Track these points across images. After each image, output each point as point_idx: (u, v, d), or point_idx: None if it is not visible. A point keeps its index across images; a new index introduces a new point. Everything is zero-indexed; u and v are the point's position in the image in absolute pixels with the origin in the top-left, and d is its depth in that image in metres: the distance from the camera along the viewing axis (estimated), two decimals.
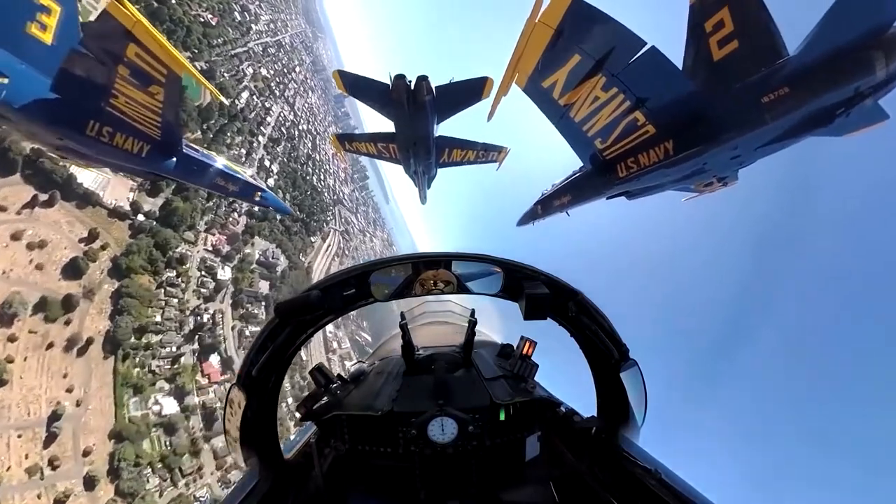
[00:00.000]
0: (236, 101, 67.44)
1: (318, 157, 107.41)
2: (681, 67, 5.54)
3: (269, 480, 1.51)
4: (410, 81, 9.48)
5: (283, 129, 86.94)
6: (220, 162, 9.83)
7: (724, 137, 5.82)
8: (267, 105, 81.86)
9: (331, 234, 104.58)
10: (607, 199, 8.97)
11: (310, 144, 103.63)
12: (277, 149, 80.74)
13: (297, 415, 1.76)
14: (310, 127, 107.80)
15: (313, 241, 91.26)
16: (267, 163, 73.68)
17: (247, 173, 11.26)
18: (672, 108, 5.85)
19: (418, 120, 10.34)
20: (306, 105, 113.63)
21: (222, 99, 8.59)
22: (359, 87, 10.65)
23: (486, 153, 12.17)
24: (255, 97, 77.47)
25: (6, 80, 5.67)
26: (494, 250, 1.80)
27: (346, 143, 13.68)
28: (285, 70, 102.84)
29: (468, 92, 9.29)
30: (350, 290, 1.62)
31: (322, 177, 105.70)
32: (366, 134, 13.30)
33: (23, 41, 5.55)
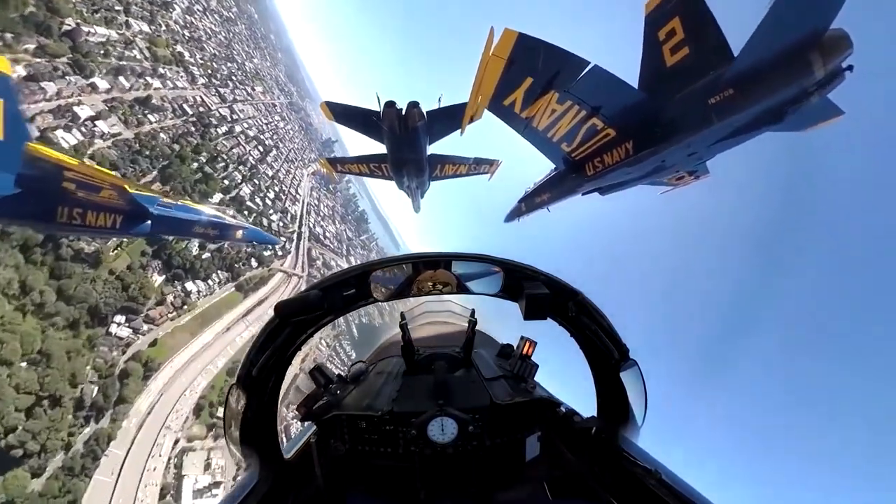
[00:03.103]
0: (65, 23, 47.90)
1: (270, 173, 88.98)
2: (638, 73, 6.10)
3: (268, 481, 1.48)
4: (401, 108, 9.84)
5: (185, 107, 68.04)
6: (197, 212, 10.15)
7: (676, 137, 6.29)
8: (165, 73, 65.75)
9: (272, 282, 68.71)
10: (582, 195, 9.85)
11: (256, 154, 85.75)
12: (148, 115, 58.38)
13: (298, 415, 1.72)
14: (262, 137, 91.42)
15: (197, 292, 54.46)
16: (88, 111, 47.74)
17: (227, 214, 11.90)
18: (628, 113, 6.44)
19: (410, 144, 10.65)
20: (267, 120, 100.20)
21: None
22: (347, 115, 10.94)
23: (478, 166, 12.78)
24: (133, 51, 59.99)
25: None
26: (494, 250, 1.81)
27: (338, 165, 13.88)
28: (235, 77, 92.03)
29: (459, 115, 9.55)
30: (350, 290, 1.61)
31: (269, 193, 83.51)
32: (357, 156, 13.46)
33: None
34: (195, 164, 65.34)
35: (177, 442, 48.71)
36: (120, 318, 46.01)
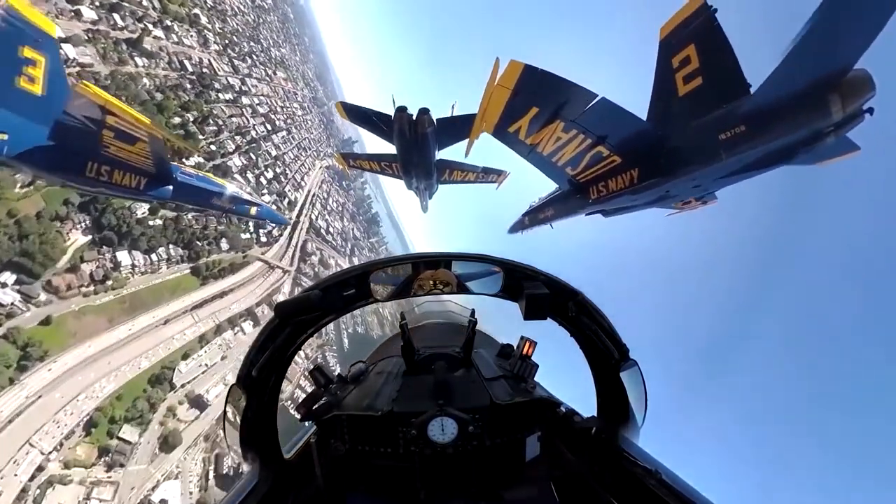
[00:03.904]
0: None
1: (273, 153, 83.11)
2: (649, 100, 6.00)
3: (268, 481, 1.51)
4: (412, 114, 10.40)
5: (186, 63, 63.19)
6: (215, 183, 10.74)
7: (682, 171, 6.17)
8: (173, 27, 62.66)
9: (245, 271, 56.71)
10: (586, 215, 9.96)
11: (262, 130, 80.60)
12: (134, 57, 52.14)
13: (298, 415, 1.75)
14: (273, 117, 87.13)
15: (132, 265, 41.38)
16: (59, 32, 17.87)
17: (244, 190, 12.53)
18: (634, 142, 6.39)
19: (419, 149, 11.19)
20: (284, 104, 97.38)
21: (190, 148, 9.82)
22: (361, 116, 11.62)
23: (486, 175, 13.25)
24: None
25: (5, 137, 6.08)
26: (496, 251, 1.85)
27: (350, 161, 14.54)
28: (255, 56, 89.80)
29: (469, 125, 9.72)
30: (350, 290, 1.66)
31: (266, 172, 76.31)
32: (369, 154, 14.18)
33: (15, 96, 5.90)
34: (177, 119, 56.11)
35: (42, 469, 33.19)
36: (8, 277, 31.42)
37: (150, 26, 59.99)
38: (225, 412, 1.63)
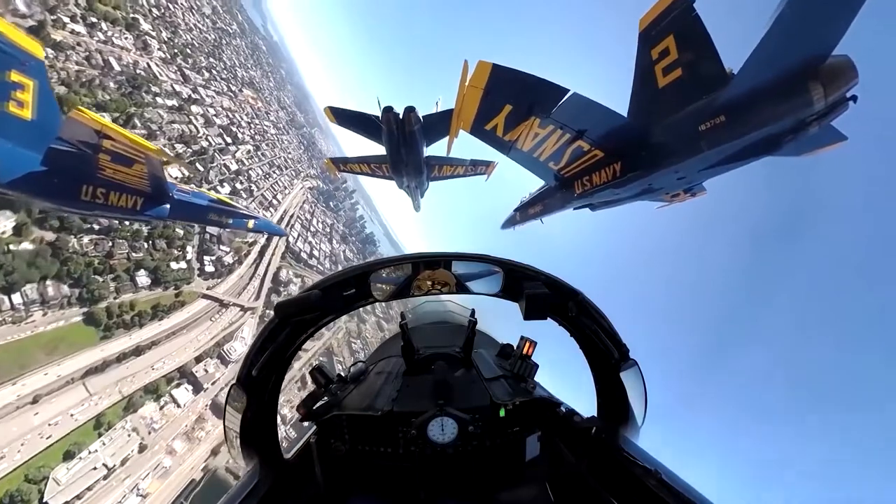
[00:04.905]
0: None
1: (233, 167, 76.84)
2: (630, 93, 5.99)
3: (269, 481, 1.53)
4: (399, 113, 10.72)
5: (112, 61, 57.59)
6: (210, 199, 10.81)
7: (664, 163, 6.22)
8: (101, 26, 57.66)
9: (178, 316, 38.35)
10: (574, 209, 10.12)
11: (217, 141, 73.84)
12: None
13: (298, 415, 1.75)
14: (235, 130, 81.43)
15: None
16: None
17: (240, 205, 12.75)
18: (615, 136, 6.46)
19: (408, 147, 11.45)
20: (251, 120, 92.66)
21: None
22: (348, 119, 11.89)
23: (475, 167, 13.59)
24: None
25: None
26: (495, 251, 1.86)
27: (340, 164, 14.59)
28: (215, 71, 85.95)
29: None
30: (350, 290, 1.68)
31: (221, 187, 67.47)
32: (359, 157, 14.31)
33: (4, 121, 5.87)
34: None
35: None
36: None
37: (66, 19, 54.27)
38: (225, 412, 1.61)
